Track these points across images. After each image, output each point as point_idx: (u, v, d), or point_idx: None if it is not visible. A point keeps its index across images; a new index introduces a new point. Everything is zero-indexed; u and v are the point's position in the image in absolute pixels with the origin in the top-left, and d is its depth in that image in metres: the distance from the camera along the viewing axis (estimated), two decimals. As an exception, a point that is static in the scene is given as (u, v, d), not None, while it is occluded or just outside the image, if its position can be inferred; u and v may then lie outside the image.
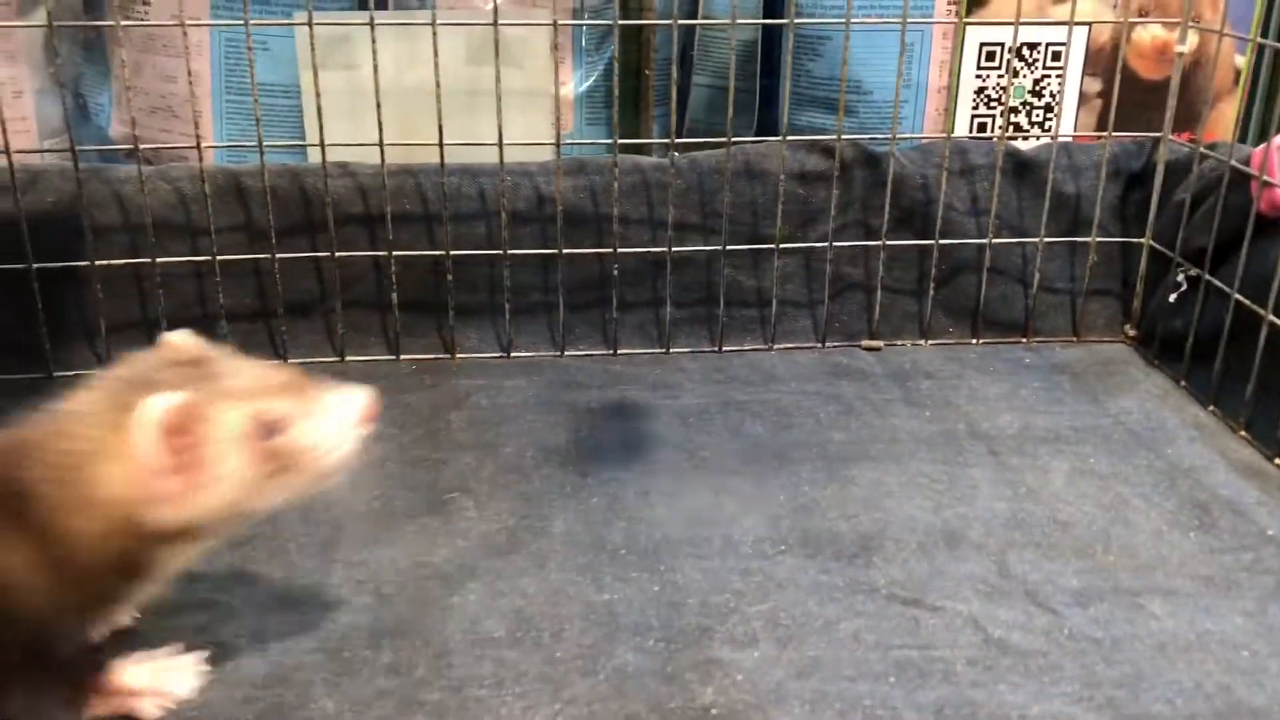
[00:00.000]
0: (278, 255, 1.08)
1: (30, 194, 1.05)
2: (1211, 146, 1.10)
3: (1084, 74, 1.26)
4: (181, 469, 0.59)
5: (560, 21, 1.08)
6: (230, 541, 0.80)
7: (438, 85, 1.03)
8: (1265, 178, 0.99)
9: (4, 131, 1.01)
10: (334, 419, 0.64)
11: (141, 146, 1.05)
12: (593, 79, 1.27)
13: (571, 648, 0.71)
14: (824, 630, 0.72)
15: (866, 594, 0.76)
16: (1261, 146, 1.00)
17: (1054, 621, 0.74)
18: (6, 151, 1.02)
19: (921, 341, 1.18)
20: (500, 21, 1.04)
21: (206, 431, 0.60)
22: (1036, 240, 1.16)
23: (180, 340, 0.65)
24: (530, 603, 0.75)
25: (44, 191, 1.07)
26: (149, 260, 1.06)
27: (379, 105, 1.04)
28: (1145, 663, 0.70)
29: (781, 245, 1.14)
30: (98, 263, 1.05)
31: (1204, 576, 0.79)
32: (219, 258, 1.07)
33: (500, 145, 1.07)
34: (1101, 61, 1.26)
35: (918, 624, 0.73)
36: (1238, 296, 1.00)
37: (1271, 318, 0.95)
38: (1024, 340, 1.19)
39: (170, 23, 1.06)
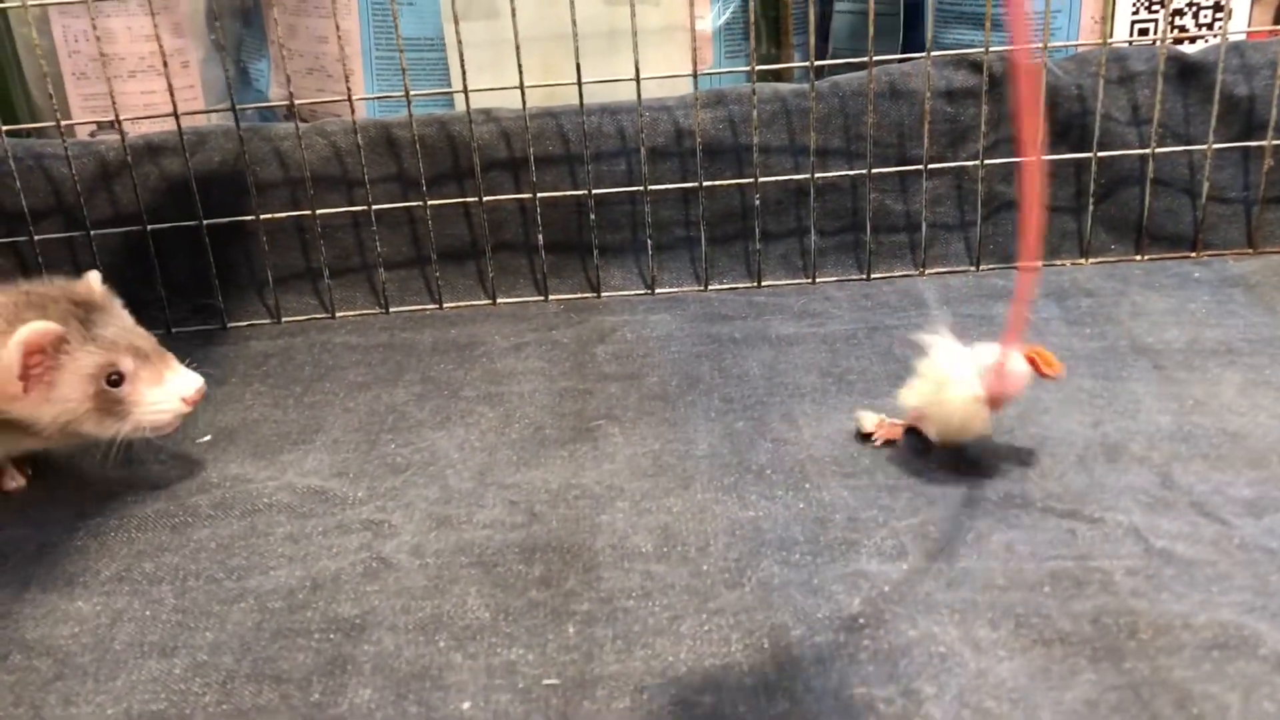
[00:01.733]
0: (429, 202, 1.12)
1: (198, 154, 1.12)
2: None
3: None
4: (32, 382, 0.76)
5: (693, -49, 1.07)
6: (391, 467, 0.84)
7: (574, 24, 1.04)
8: None
9: (172, 96, 1.07)
10: (165, 390, 0.80)
11: (297, 103, 1.09)
12: (730, 11, 1.26)
13: (717, 561, 0.71)
14: (975, 542, 0.71)
15: (1020, 507, 0.74)
16: None
17: (1223, 532, 0.70)
18: (175, 115, 1.08)
19: (1082, 260, 1.13)
20: (633, -45, 1.04)
21: (62, 362, 0.77)
22: (1205, 148, 1.10)
23: (91, 283, 0.82)
24: (676, 520, 0.76)
25: (211, 151, 1.13)
26: (309, 212, 1.11)
27: (518, 49, 1.05)
28: (1325, 572, 0.66)
29: (930, 166, 1.11)
30: (262, 216, 1.10)
31: (1394, 485, 0.74)
32: (374, 207, 1.11)
33: (637, 80, 1.07)
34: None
35: (1074, 535, 0.71)
36: None
37: None
38: (1193, 254, 1.12)
39: (318, -20, 1.10)
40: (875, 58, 1.08)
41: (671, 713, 0.59)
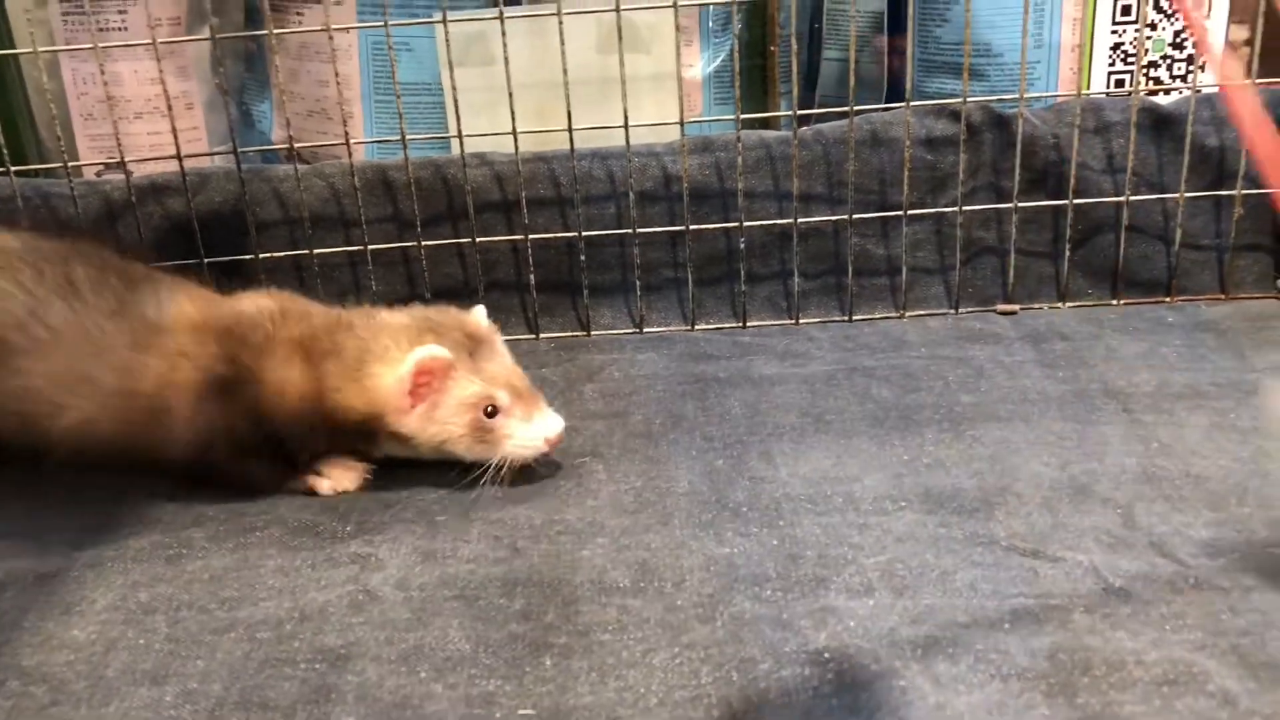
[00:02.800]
0: (424, 243, 1.15)
1: (200, 195, 1.15)
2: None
3: (1229, 21, 1.21)
4: (417, 400, 0.85)
5: (682, 3, 1.11)
6: (379, 502, 0.87)
7: (565, 72, 1.08)
8: None
9: (176, 138, 1.11)
10: (534, 429, 0.87)
11: (296, 146, 1.13)
12: (719, 59, 1.30)
13: (692, 596, 0.74)
14: (940, 580, 0.73)
15: (985, 546, 0.77)
16: None
17: (1179, 571, 0.73)
18: (179, 156, 1.11)
19: (1059, 304, 1.16)
20: (623, 7, 1.07)
21: (448, 387, 0.85)
22: (1178, 196, 1.13)
23: (480, 318, 0.92)
24: (654, 555, 0.78)
25: (213, 192, 1.16)
26: (307, 252, 1.15)
27: (510, 95, 1.09)
28: (1276, 612, 0.69)
29: (910, 211, 1.14)
30: (261, 255, 1.14)
31: (1348, 528, 0.76)
32: (370, 247, 1.15)
33: (626, 127, 1.10)
34: (1248, 8, 1.20)
35: (1036, 574, 0.73)
36: (1394, 242, 0.96)
37: None
38: (1167, 299, 1.16)
39: (317, 29, 1.14)
40: (856, 107, 1.12)
41: (641, 742, 0.62)
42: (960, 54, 1.16)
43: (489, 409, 0.86)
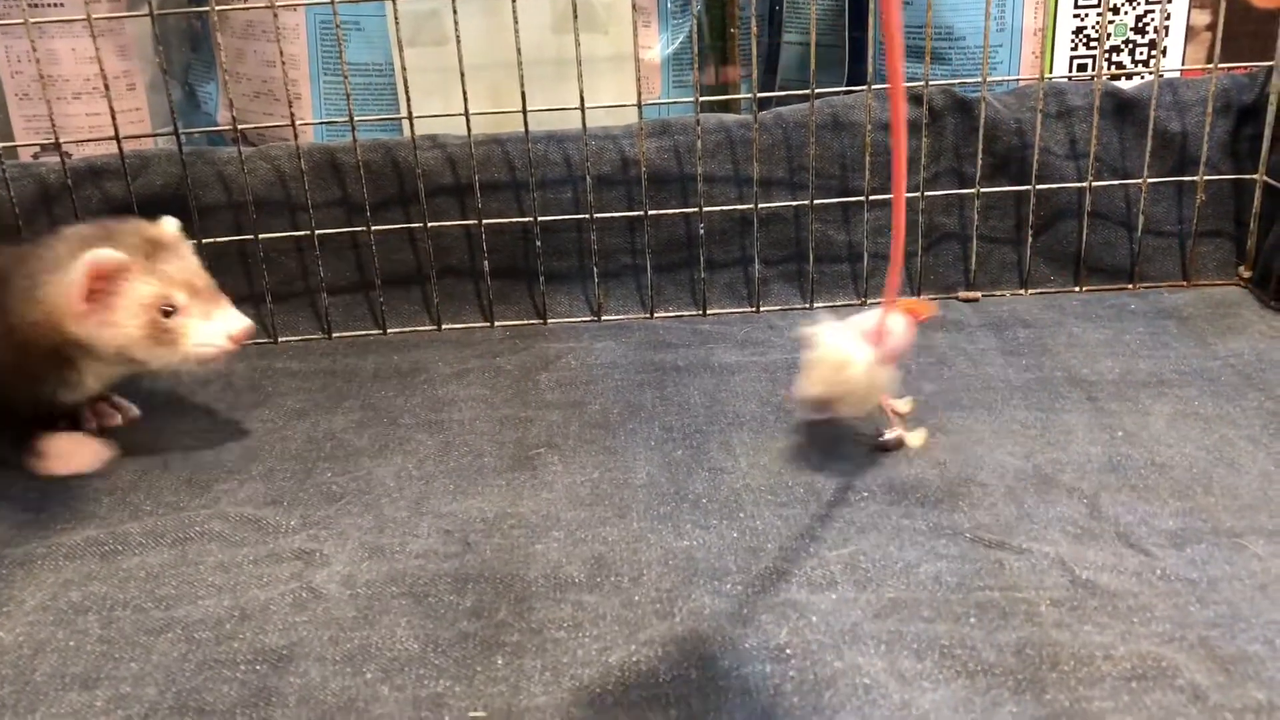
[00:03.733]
0: (373, 228, 1.11)
1: (141, 178, 1.11)
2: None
3: (1190, 6, 1.20)
4: (93, 304, 0.83)
5: (639, -18, 1.08)
6: (326, 495, 0.84)
7: (518, 52, 1.05)
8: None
9: (114, 119, 1.07)
10: (213, 327, 0.86)
11: (241, 127, 1.09)
12: (679, 41, 1.27)
13: (649, 591, 0.71)
14: (904, 573, 0.72)
15: (950, 537, 0.75)
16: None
17: (1146, 563, 0.71)
18: (117, 137, 1.07)
19: (1021, 291, 1.15)
20: (578, -15, 1.04)
21: (122, 289, 0.84)
22: (1140, 181, 1.12)
23: (167, 225, 0.90)
24: (611, 549, 0.76)
25: (153, 175, 1.12)
26: (252, 237, 1.11)
27: (463, 75, 1.06)
28: (1244, 603, 0.67)
29: (872, 197, 1.12)
30: (204, 240, 1.10)
31: (1314, 517, 0.75)
32: (318, 232, 1.11)
33: (582, 109, 1.08)
34: (1210, -7, 1.20)
35: (1002, 566, 0.72)
36: (1356, 228, 0.95)
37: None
38: (1130, 286, 1.14)
39: (262, 5, 1.10)
40: (817, 90, 1.09)
41: (596, 745, 0.59)
42: (922, 37, 1.15)
43: (165, 309, 0.84)
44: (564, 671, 0.65)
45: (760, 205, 1.12)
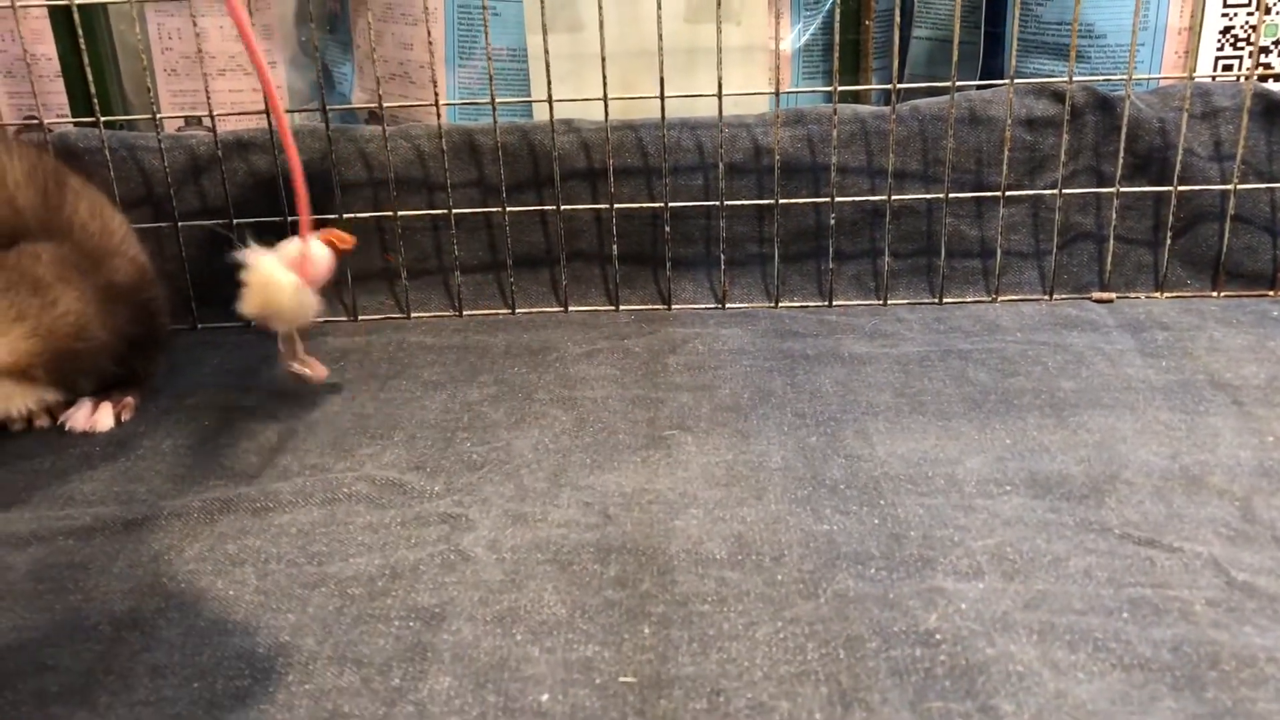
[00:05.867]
0: (507, 209, 1.13)
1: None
2: None
3: None
4: None
5: (780, -29, 1.08)
6: (467, 463, 0.85)
7: (660, 38, 1.06)
8: None
9: (266, 96, 1.10)
10: None
11: (385, 105, 1.12)
12: (810, 32, 1.27)
13: (792, 572, 0.71)
14: (1052, 566, 0.71)
15: (1098, 533, 0.74)
16: None
17: (1307, 567, 0.69)
18: (267, 112, 1.10)
19: (1156, 294, 1.13)
20: (721, -27, 1.05)
21: None
22: (1288, 185, 1.09)
23: None
24: (750, 529, 0.76)
25: (302, 150, 1.15)
26: (391, 214, 1.13)
27: (604, 60, 1.07)
28: None
29: (1007, 193, 1.11)
30: (345, 216, 1.13)
31: None
32: (454, 211, 1.13)
33: (720, 96, 1.08)
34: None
35: (1153, 564, 0.70)
36: None
37: None
38: (1271, 293, 1.12)
39: (410, -13, 1.13)
40: (957, 83, 1.09)
41: (747, 716, 0.60)
42: (1061, 34, 1.13)
43: None
44: (711, 644, 0.65)
45: (893, 197, 1.11)
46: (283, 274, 0.89)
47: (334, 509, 0.80)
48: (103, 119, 1.11)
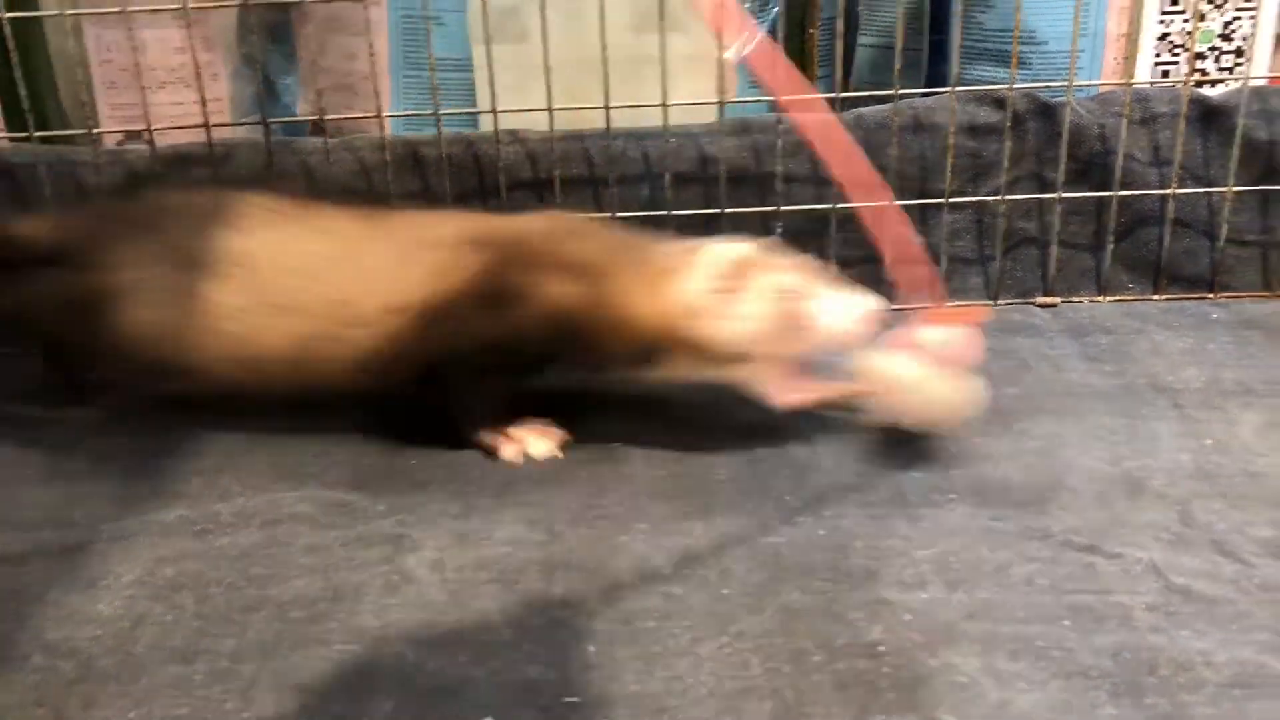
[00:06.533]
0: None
1: (226, 166, 1.12)
2: None
3: None
4: (721, 301, 0.82)
5: (722, -19, 1.08)
6: (413, 482, 0.84)
7: (604, 48, 1.05)
8: None
9: (204, 108, 1.08)
10: (838, 308, 0.84)
11: (326, 118, 1.11)
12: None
13: (738, 586, 0.71)
14: (995, 574, 0.71)
15: (1041, 540, 0.74)
16: None
17: (1243, 571, 0.70)
18: (206, 125, 1.09)
19: (1100, 297, 1.14)
20: (663, -16, 1.05)
21: (747, 281, 0.82)
22: (1225, 190, 1.10)
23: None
24: (696, 543, 0.76)
25: (239, 164, 1.14)
26: (334, 226, 1.12)
27: (548, 71, 1.07)
28: (1345, 614, 0.66)
29: (951, 200, 1.11)
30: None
31: None
32: (399, 223, 1.12)
33: (664, 105, 1.08)
34: None
35: (1094, 570, 0.71)
36: None
37: None
38: (1210, 295, 1.13)
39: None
40: (900, 91, 1.09)
41: (692, 734, 0.59)
42: (1004, 41, 1.14)
43: (794, 297, 0.83)
44: (656, 661, 0.65)
45: (839, 205, 1.11)
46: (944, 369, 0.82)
47: (275, 530, 0.79)
48: (37, 134, 1.09)
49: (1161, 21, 1.19)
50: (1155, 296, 1.14)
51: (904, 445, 0.86)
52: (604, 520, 0.79)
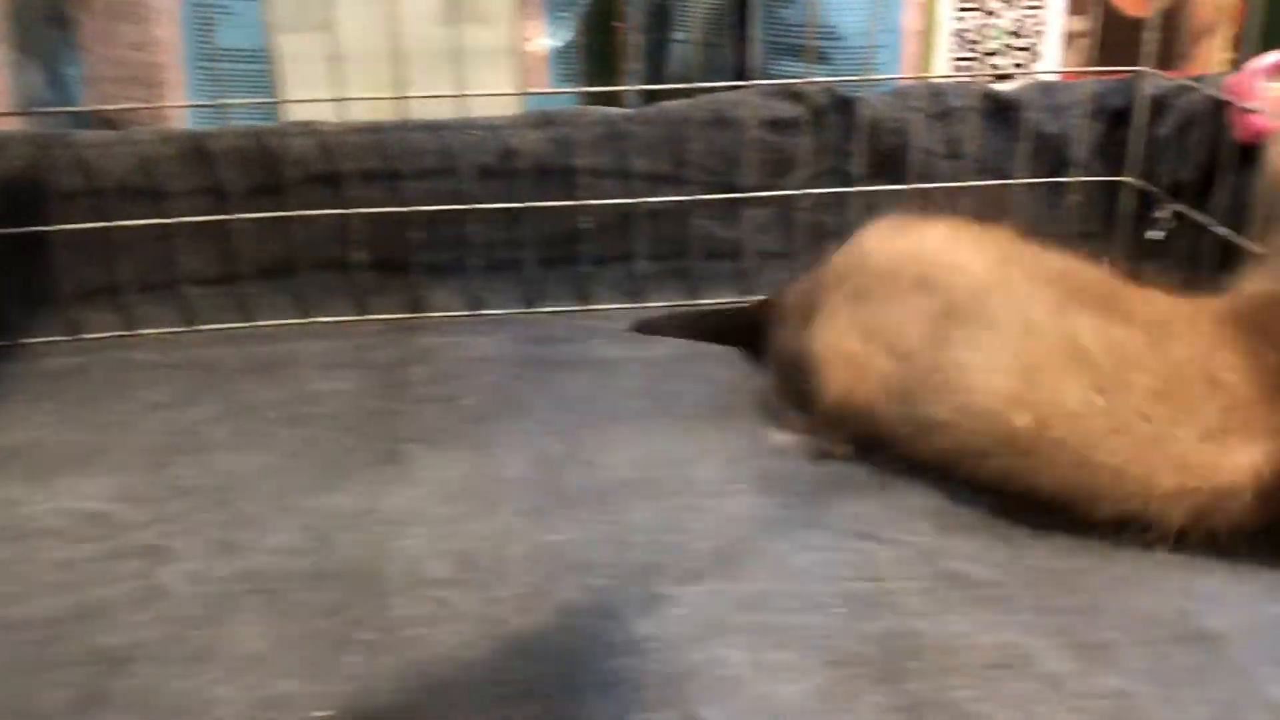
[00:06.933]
0: (242, 216, 1.07)
1: (-3, 160, 1.05)
2: (1196, 79, 1.07)
3: (1068, 13, 1.23)
4: None
5: (521, -28, 1.06)
6: (178, 490, 0.80)
7: (398, 36, 1.02)
8: (1242, 103, 0.96)
9: None
10: None
11: (105, 109, 1.04)
12: (566, 35, 1.25)
13: (514, 587, 0.69)
14: (773, 565, 0.71)
15: (821, 529, 0.74)
16: (1237, 74, 0.97)
17: (1010, 554, 0.71)
18: (-26, 116, 1.01)
19: (901, 290, 1.16)
20: (458, -29, 1.02)
21: None
22: (1016, 182, 1.13)
23: None
24: (476, 545, 0.74)
25: (11, 157, 1.07)
26: (112, 224, 1.06)
27: (340, 59, 1.03)
28: (1104, 592, 0.68)
29: (755, 194, 1.12)
30: (61, 227, 1.05)
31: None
32: (183, 220, 1.07)
33: (463, 96, 1.05)
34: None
35: (870, 558, 0.71)
36: (1219, 229, 0.98)
37: (1253, 247, 0.92)
38: (1007, 285, 1.16)
39: (126, -18, 1.06)
40: (702, 85, 1.09)
41: (448, 744, 0.57)
42: (805, 36, 1.15)
43: None
44: (419, 669, 0.62)
45: (644, 200, 1.10)
46: None
47: (23, 546, 0.74)
48: None
49: (957, 18, 1.22)
50: (955, 287, 1.16)
51: (693, 438, 0.85)
52: (381, 525, 0.76)
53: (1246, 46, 1.21)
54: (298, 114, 1.07)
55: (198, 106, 1.14)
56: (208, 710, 0.59)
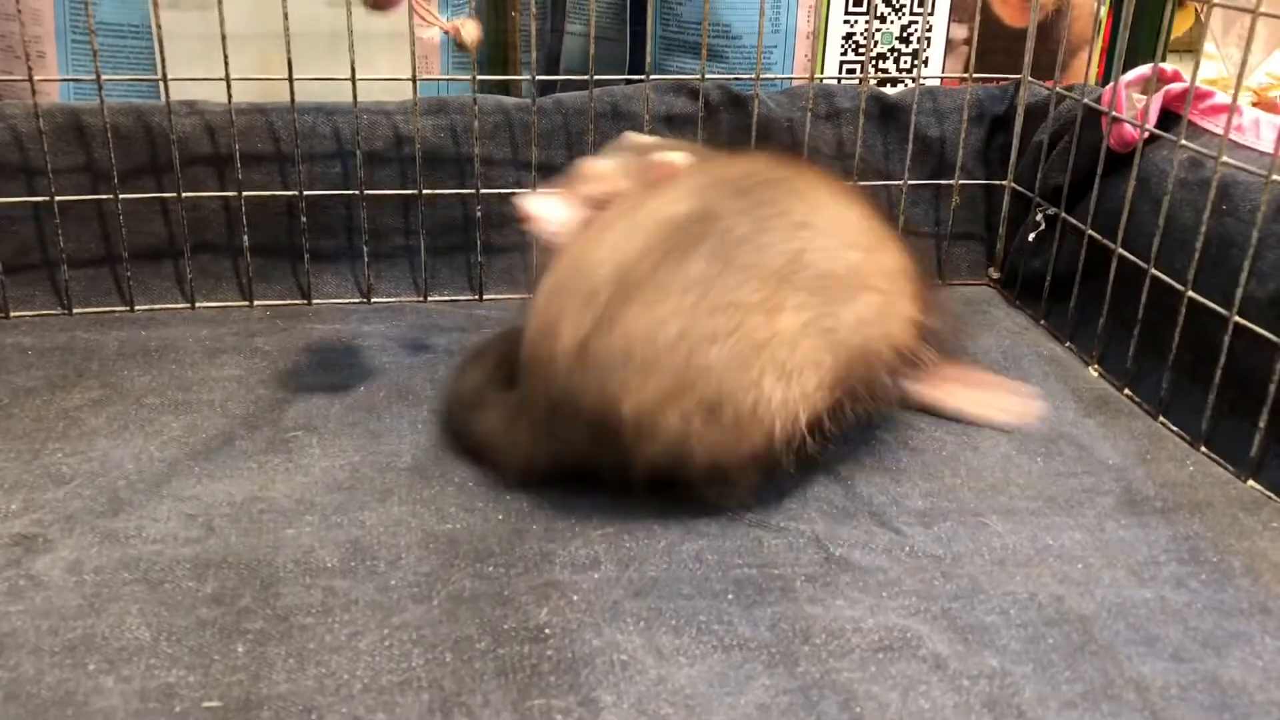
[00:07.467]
0: (121, 196, 1.04)
1: None
2: (1070, 89, 1.11)
3: (950, 20, 1.27)
4: None
5: (417, -44, 1.05)
6: (54, 477, 0.77)
7: (285, 16, 1.00)
8: (1114, 114, 1.00)
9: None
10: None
11: (-29, 80, 1.00)
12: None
13: (407, 575, 0.69)
14: (666, 551, 0.72)
15: (712, 517, 0.75)
16: (1111, 84, 1.02)
17: (896, 540, 0.74)
18: None
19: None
20: (352, -47, 1.00)
21: None
22: (901, 183, 1.17)
23: None
24: (368, 534, 0.73)
25: None
26: (-20, 200, 1.01)
27: (224, 37, 1.00)
28: (983, 577, 0.70)
29: (648, 187, 1.12)
30: (-77, 202, 1.00)
31: (1047, 497, 0.80)
32: (58, 199, 1.03)
33: (354, 80, 1.04)
34: (968, 8, 1.26)
35: (761, 544, 0.73)
36: (1090, 232, 1.02)
37: (1121, 251, 0.97)
38: (891, 283, 1.19)
39: (-3, -52, 1.01)
40: (597, 78, 1.09)
41: (341, 732, 0.56)
42: (700, 34, 1.16)
43: None
44: (310, 658, 0.61)
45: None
46: None
47: (-117, 537, 0.70)
48: None
49: (846, 21, 1.25)
50: (841, 284, 1.19)
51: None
52: (269, 513, 0.74)
53: (1115, 60, 1.27)
54: (180, 93, 1.03)
55: (77, 81, 1.10)
56: (89, 702, 0.57)
